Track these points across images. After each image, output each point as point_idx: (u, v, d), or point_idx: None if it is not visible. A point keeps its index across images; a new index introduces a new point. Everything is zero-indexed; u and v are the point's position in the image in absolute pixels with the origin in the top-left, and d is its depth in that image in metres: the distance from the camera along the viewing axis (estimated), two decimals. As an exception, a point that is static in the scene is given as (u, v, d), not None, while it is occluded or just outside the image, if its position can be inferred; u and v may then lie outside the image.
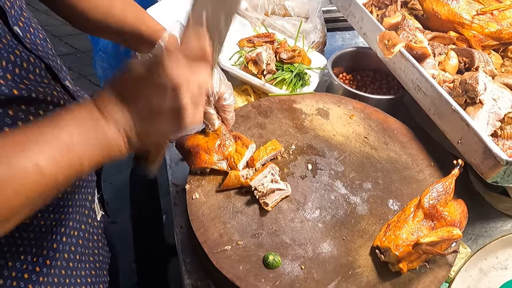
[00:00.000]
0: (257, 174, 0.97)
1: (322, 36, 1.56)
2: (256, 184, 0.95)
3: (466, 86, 1.07)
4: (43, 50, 0.77)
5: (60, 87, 0.79)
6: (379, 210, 0.98)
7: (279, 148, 1.04)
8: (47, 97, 0.73)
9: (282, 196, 0.97)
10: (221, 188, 0.97)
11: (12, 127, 0.66)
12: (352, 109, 1.21)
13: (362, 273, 0.88)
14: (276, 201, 0.95)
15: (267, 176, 0.96)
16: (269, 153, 1.02)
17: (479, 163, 0.97)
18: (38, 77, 0.73)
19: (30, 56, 0.71)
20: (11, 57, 0.66)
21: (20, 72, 0.68)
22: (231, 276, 0.84)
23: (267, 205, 0.94)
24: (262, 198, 0.94)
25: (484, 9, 1.29)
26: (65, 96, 0.79)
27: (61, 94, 0.78)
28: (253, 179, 0.95)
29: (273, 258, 0.87)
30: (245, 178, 0.97)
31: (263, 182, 0.95)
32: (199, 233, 0.90)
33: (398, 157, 1.11)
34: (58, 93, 0.77)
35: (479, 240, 1.11)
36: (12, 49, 0.67)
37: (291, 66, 1.37)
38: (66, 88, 0.81)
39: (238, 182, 0.96)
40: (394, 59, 1.20)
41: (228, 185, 0.97)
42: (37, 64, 0.73)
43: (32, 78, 0.71)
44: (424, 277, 0.88)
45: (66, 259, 0.86)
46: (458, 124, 1.02)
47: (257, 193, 0.94)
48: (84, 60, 3.40)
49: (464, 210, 0.96)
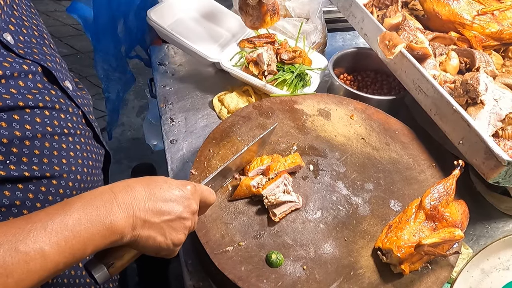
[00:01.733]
0: (270, 183, 0.95)
1: (323, 36, 1.56)
2: (268, 194, 0.93)
3: (467, 86, 1.07)
4: (38, 52, 0.76)
5: (57, 89, 0.78)
6: (380, 211, 0.98)
7: (299, 163, 1.01)
8: (38, 103, 0.72)
9: (292, 208, 0.95)
10: (232, 198, 0.95)
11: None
12: (353, 110, 1.21)
13: (364, 274, 0.88)
14: (284, 212, 0.93)
15: (279, 186, 0.94)
16: (287, 167, 0.99)
17: (480, 163, 0.97)
18: (31, 83, 0.72)
19: (23, 64, 0.71)
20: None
21: (7, 82, 0.67)
22: (233, 277, 0.84)
23: (274, 215, 0.92)
24: (271, 208, 0.93)
25: (485, 10, 1.29)
26: (61, 99, 0.78)
27: (56, 98, 0.77)
28: (265, 188, 0.93)
29: (276, 256, 0.87)
30: (257, 187, 0.95)
31: (275, 192, 0.93)
32: (201, 234, 0.90)
33: (399, 158, 1.11)
34: (52, 97, 0.76)
35: (480, 241, 1.11)
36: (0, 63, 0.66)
37: (292, 67, 1.37)
38: (65, 89, 0.81)
39: (249, 191, 0.94)
40: (395, 59, 1.20)
41: (239, 194, 0.95)
42: (31, 70, 0.72)
43: (23, 85, 0.70)
44: (426, 278, 0.88)
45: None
46: (459, 125, 1.02)
47: (267, 202, 0.92)
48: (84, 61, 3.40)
49: (465, 211, 0.96)
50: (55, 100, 0.76)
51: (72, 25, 3.65)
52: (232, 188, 0.97)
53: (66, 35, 3.55)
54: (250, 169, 0.98)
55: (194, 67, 1.53)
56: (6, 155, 0.68)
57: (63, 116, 0.78)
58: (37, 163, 0.72)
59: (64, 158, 0.77)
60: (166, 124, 1.33)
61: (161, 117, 1.35)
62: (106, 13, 1.76)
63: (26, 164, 0.71)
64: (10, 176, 0.69)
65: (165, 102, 1.39)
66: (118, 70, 1.96)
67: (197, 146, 1.24)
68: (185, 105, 1.39)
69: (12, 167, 0.69)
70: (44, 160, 0.73)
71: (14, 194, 0.70)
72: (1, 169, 0.68)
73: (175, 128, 1.31)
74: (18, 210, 0.71)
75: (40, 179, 0.73)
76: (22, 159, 0.70)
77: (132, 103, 3.13)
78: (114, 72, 1.96)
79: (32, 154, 0.71)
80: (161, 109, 1.37)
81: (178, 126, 1.32)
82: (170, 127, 1.31)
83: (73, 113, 0.81)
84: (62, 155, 0.77)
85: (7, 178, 0.69)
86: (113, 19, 1.79)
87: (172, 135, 1.29)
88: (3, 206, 0.70)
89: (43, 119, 0.73)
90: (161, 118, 1.35)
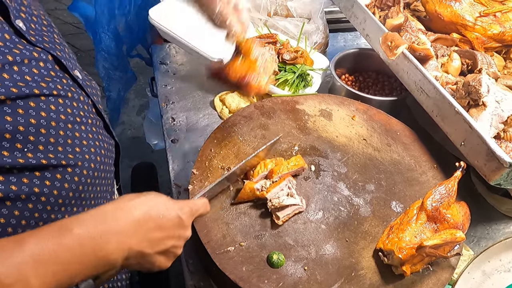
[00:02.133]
0: (274, 186, 0.94)
1: (324, 37, 1.56)
2: (272, 197, 0.93)
3: (469, 88, 1.07)
4: (49, 41, 0.77)
5: (68, 78, 0.79)
6: (382, 212, 0.98)
7: (302, 165, 1.01)
8: (52, 91, 0.72)
9: (296, 211, 0.95)
10: (235, 201, 0.95)
11: (12, 125, 0.66)
12: (355, 110, 1.21)
13: (365, 275, 0.87)
14: (287, 215, 0.93)
15: (283, 189, 0.94)
16: (290, 169, 0.98)
17: (482, 165, 0.97)
18: (44, 70, 0.72)
19: (34, 51, 0.71)
20: (8, 57, 0.65)
21: (20, 69, 0.67)
22: (234, 277, 0.84)
23: (278, 219, 0.92)
24: (274, 211, 0.93)
25: (487, 11, 1.29)
26: (72, 88, 0.79)
27: (68, 86, 0.77)
28: (270, 191, 0.93)
29: (277, 257, 0.86)
30: (261, 191, 0.94)
31: (279, 195, 0.93)
32: (202, 234, 0.90)
33: (401, 159, 1.10)
34: (64, 86, 0.76)
35: (481, 242, 1.11)
36: (9, 50, 0.66)
37: (293, 67, 1.37)
38: (75, 78, 0.81)
39: (253, 194, 0.94)
40: (397, 60, 1.20)
41: (243, 198, 0.95)
42: (42, 58, 0.72)
43: (37, 72, 0.70)
44: (427, 279, 0.88)
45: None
46: (461, 126, 1.01)
47: (270, 206, 0.92)
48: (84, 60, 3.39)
49: (466, 212, 0.96)
50: (67, 88, 0.77)
51: (73, 23, 3.65)
52: (235, 191, 0.97)
53: (67, 34, 3.54)
54: (254, 174, 0.97)
55: (195, 66, 1.52)
56: (23, 143, 0.68)
57: (76, 105, 0.78)
58: (53, 151, 0.72)
59: (78, 146, 0.77)
60: (167, 123, 1.32)
61: (162, 116, 1.35)
62: (108, 12, 1.76)
63: (42, 152, 0.71)
64: (28, 164, 0.69)
65: (166, 101, 1.39)
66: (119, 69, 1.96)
67: (198, 145, 1.24)
68: (186, 104, 1.38)
69: (29, 155, 0.69)
70: (59, 148, 0.73)
71: (32, 182, 0.70)
72: (19, 157, 0.68)
73: (176, 128, 1.31)
74: (36, 197, 0.71)
75: (56, 167, 0.73)
76: (39, 147, 0.70)
77: (132, 102, 3.13)
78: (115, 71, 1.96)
79: (48, 142, 0.72)
80: (162, 108, 1.37)
81: (179, 125, 1.32)
82: (171, 127, 1.31)
83: (84, 102, 0.81)
84: (75, 144, 0.77)
85: (25, 166, 0.69)
86: (114, 18, 1.79)
87: (173, 134, 1.29)
88: (23, 194, 0.70)
89: (57, 107, 0.73)
90: (162, 117, 1.35)
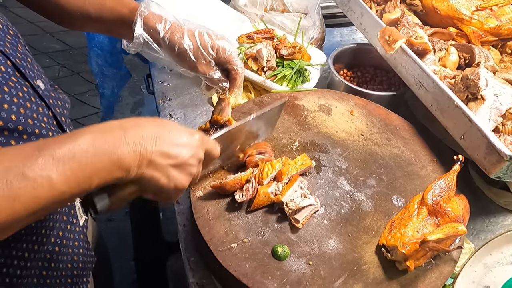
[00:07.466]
0: (287, 188, 0.93)
1: (321, 32, 1.55)
2: (288, 200, 0.91)
3: (467, 81, 1.07)
4: (10, 47, 0.75)
5: (29, 87, 0.76)
6: (383, 206, 0.99)
7: (309, 164, 0.99)
8: (12, 98, 0.70)
9: (312, 211, 0.94)
10: (251, 209, 0.93)
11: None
12: (354, 106, 1.21)
13: (368, 269, 0.88)
14: (306, 217, 0.92)
15: (297, 190, 0.93)
16: (299, 169, 0.97)
17: (482, 158, 0.98)
18: (6, 75, 0.71)
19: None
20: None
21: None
22: (237, 274, 0.84)
23: (297, 222, 0.91)
24: (292, 215, 0.91)
25: (484, 5, 1.30)
26: (32, 97, 0.76)
27: (28, 95, 0.75)
28: (284, 195, 0.92)
29: (282, 249, 0.86)
30: (275, 194, 0.93)
31: (294, 197, 0.92)
32: (205, 231, 0.89)
33: (401, 153, 1.11)
34: (25, 94, 0.74)
35: (480, 235, 1.12)
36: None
37: (291, 63, 1.36)
38: (35, 88, 0.78)
39: (268, 199, 0.92)
40: (395, 55, 1.20)
41: (259, 204, 0.92)
42: (1, 61, 0.71)
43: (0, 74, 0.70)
44: (430, 273, 0.88)
45: (39, 267, 0.82)
46: (461, 120, 1.02)
47: (287, 210, 0.91)
48: (77, 57, 3.35)
49: (466, 205, 0.96)
50: (26, 97, 0.74)
51: (64, 20, 3.60)
52: (248, 200, 0.93)
53: (59, 31, 3.50)
54: (263, 176, 0.95)
55: (191, 62, 1.51)
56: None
57: (35, 116, 0.76)
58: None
59: None
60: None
61: (160, 113, 1.34)
62: (101, 8, 1.73)
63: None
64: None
65: (163, 98, 1.38)
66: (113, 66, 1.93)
67: (197, 142, 1.23)
68: (184, 101, 1.37)
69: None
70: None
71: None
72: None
73: (174, 125, 1.30)
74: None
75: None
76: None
77: (126, 99, 3.10)
78: (109, 68, 1.93)
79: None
80: (160, 105, 1.36)
81: (177, 122, 1.31)
82: (169, 124, 1.30)
83: (43, 114, 0.78)
84: None
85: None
86: (108, 14, 1.77)
87: (171, 131, 1.28)
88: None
89: (18, 117, 0.71)
90: (160, 114, 1.34)
